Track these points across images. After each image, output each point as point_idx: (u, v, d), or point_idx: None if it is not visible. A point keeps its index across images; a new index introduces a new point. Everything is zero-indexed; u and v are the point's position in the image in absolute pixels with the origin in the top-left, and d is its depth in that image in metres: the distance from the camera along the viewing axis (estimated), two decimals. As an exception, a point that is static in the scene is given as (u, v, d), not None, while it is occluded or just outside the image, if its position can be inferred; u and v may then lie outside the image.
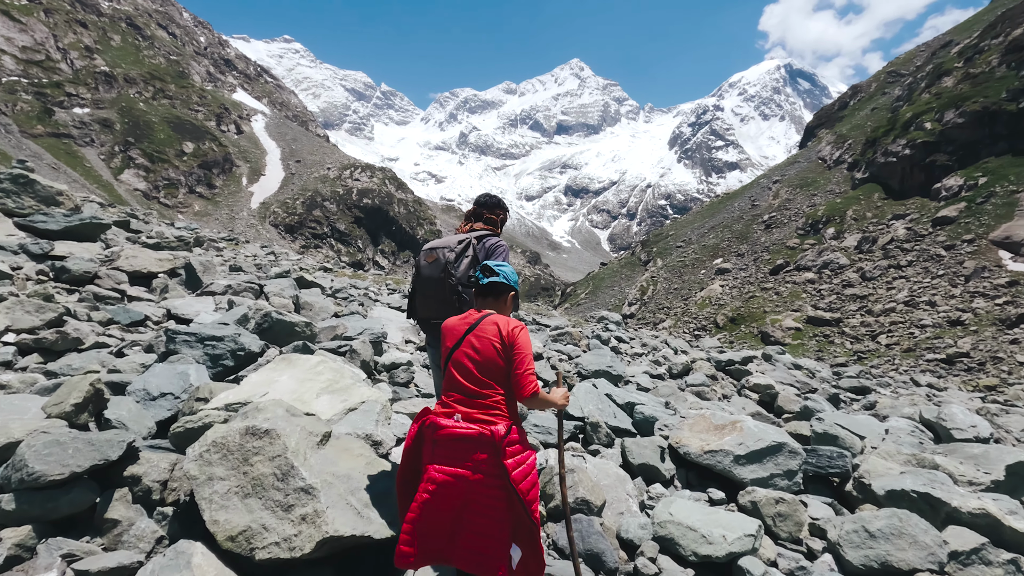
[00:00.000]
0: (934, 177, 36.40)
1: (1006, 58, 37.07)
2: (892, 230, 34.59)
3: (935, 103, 39.73)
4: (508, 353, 2.24)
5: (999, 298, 24.27)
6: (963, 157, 35.55)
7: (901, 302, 27.77)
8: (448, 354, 2.32)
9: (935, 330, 23.91)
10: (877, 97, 58.12)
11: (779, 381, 9.37)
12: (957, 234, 30.44)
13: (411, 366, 5.72)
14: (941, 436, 6.95)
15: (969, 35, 48.37)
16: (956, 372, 19.58)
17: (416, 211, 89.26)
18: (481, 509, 2.09)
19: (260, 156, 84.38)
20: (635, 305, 46.48)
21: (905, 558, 3.40)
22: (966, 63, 41.68)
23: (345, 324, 6.11)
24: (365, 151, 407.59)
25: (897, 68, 61.27)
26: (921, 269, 29.85)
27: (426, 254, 2.87)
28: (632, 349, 11.03)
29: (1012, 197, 29.93)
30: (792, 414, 7.49)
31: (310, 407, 3.24)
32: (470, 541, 2.08)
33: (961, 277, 27.37)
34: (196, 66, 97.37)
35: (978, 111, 35.26)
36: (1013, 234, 27.78)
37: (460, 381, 2.25)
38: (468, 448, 2.10)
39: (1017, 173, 31.38)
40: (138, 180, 63.93)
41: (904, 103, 47.15)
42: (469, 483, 2.08)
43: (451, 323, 2.42)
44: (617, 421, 5.25)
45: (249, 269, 10.59)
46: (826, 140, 55.27)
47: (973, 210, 31.17)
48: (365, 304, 9.10)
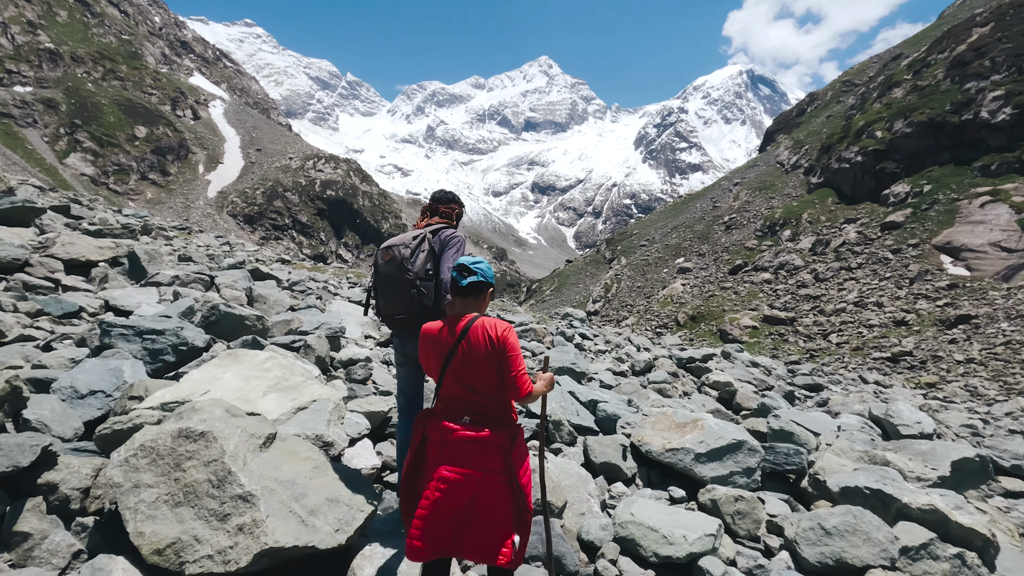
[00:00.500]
0: (883, 184, 38.09)
1: (950, 72, 39.05)
2: (844, 233, 36.01)
3: (885, 113, 41.54)
4: (501, 357, 2.30)
5: (940, 300, 25.59)
6: (910, 165, 37.31)
7: (851, 303, 28.95)
8: (442, 366, 2.37)
9: (882, 330, 25.02)
10: (832, 105, 60.43)
11: (738, 379, 9.55)
12: (903, 239, 31.92)
13: (369, 362, 5.50)
14: (889, 432, 7.20)
15: (918, 49, 50.79)
16: (900, 370, 20.53)
17: (381, 204, 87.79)
18: (490, 504, 2.22)
19: (218, 143, 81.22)
20: (599, 302, 46.99)
21: (859, 555, 3.44)
22: (914, 75, 43.74)
23: (300, 318, 5.83)
24: (329, 142, 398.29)
25: (851, 78, 63.83)
26: (870, 271, 31.19)
27: (382, 252, 2.95)
28: (596, 346, 11.03)
29: (953, 205, 31.57)
30: (750, 411, 7.62)
31: (255, 406, 3.02)
32: (480, 533, 2.22)
33: (906, 280, 28.72)
34: (150, 47, 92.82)
35: (924, 122, 37.04)
36: (953, 240, 29.32)
37: (459, 388, 2.33)
38: (479, 449, 2.22)
39: (958, 182, 33.13)
40: (85, 165, 60.55)
41: (857, 112, 49.14)
42: (479, 481, 2.21)
43: (434, 332, 2.43)
44: (580, 419, 5.19)
45: (201, 259, 10.07)
46: (784, 145, 57.11)
47: (918, 216, 32.75)
48: (324, 298, 8.76)
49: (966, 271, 27.30)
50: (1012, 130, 32.14)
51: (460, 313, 2.43)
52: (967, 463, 5.07)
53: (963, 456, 5.07)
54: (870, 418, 7.62)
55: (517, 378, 2.28)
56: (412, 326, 2.87)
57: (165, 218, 60.18)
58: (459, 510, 2.21)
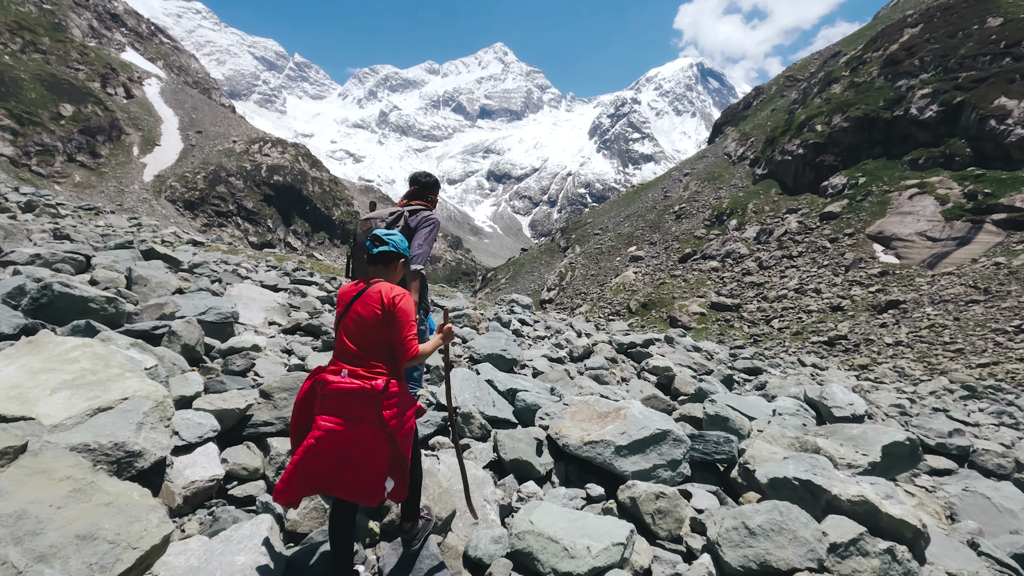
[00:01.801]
0: (823, 176, 39.48)
1: (884, 70, 40.74)
2: (786, 223, 37.12)
3: (825, 107, 43.00)
4: (389, 319, 2.42)
5: (872, 286, 26.66)
6: (847, 158, 38.79)
7: (792, 289, 29.84)
8: (337, 319, 2.52)
9: (819, 315, 25.86)
10: (777, 99, 62.27)
11: (678, 363, 9.33)
12: (840, 228, 33.15)
13: (257, 351, 4.78)
14: (823, 415, 7.08)
15: (855, 47, 52.82)
16: (836, 353, 21.22)
17: (332, 191, 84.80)
18: (364, 450, 2.33)
19: (154, 124, 76.07)
20: (554, 291, 46.93)
21: (785, 556, 3.08)
22: (852, 72, 45.44)
23: (179, 303, 5.03)
24: (276, 125, 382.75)
25: (794, 73, 65.92)
26: (809, 259, 32.25)
27: (362, 223, 3.20)
28: (535, 332, 10.59)
29: (885, 196, 33.00)
30: (687, 396, 7.42)
31: (33, 408, 2.32)
32: (353, 474, 2.33)
33: (842, 267, 29.83)
34: (76, 18, 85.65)
35: (860, 117, 38.52)
36: (885, 229, 30.65)
37: (346, 343, 2.44)
38: (351, 400, 2.32)
39: (890, 175, 34.65)
40: (3, 144, 55.22)
41: (799, 106, 50.74)
42: (352, 429, 2.31)
43: (344, 290, 2.59)
44: (496, 410, 4.67)
45: (91, 239, 8.95)
46: (731, 137, 58.48)
47: (854, 207, 34.07)
48: (228, 281, 7.88)
49: (896, 259, 28.57)
50: (938, 126, 33.80)
51: (368, 280, 2.54)
52: (897, 447, 4.88)
53: (893, 440, 4.87)
54: (805, 400, 7.52)
55: (406, 341, 2.40)
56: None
57: (96, 202, 55.87)
58: (334, 456, 2.31)
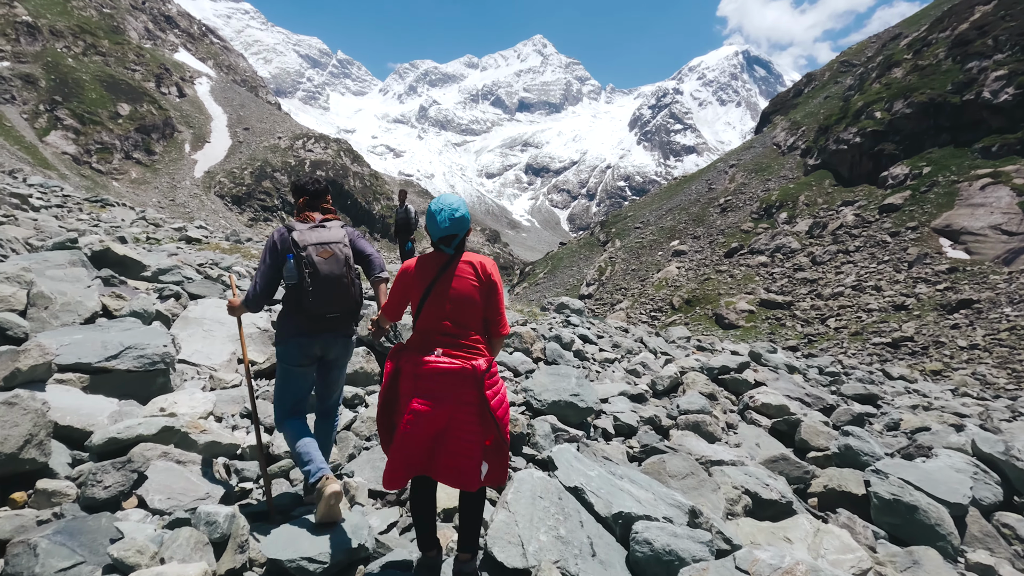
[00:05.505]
0: (882, 165, 37.60)
1: (952, 52, 38.35)
2: (841, 216, 35.60)
3: (885, 93, 40.88)
4: (489, 291, 2.38)
5: (940, 284, 25.31)
6: (909, 147, 36.80)
7: (849, 286, 28.65)
8: (424, 292, 2.37)
9: (881, 314, 24.75)
10: (830, 86, 59.58)
11: (787, 394, 7.37)
12: (902, 221, 31.56)
13: (163, 444, 3.10)
14: (1012, 479, 4.96)
15: (917, 28, 49.92)
16: (901, 356, 20.28)
17: (373, 185, 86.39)
18: (460, 434, 2.26)
19: (205, 122, 79.22)
20: (593, 286, 46.55)
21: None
22: (915, 55, 42.99)
23: (65, 342, 3.79)
24: (320, 121, 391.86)
25: (849, 58, 62.88)
26: (868, 255, 30.87)
27: (318, 249, 2.89)
28: (601, 352, 8.66)
29: (953, 187, 31.18)
30: (821, 452, 5.51)
31: None
32: (448, 459, 2.28)
33: (905, 263, 28.42)
34: (133, 21, 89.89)
35: (925, 102, 36.44)
36: (953, 223, 28.98)
37: (438, 321, 2.33)
38: (451, 381, 2.22)
39: (958, 164, 32.70)
40: (67, 143, 58.67)
41: (856, 92, 48.39)
42: (450, 413, 2.23)
43: (414, 266, 2.46)
44: (596, 565, 2.61)
45: (40, 237, 7.87)
46: (781, 126, 56.38)
47: (917, 198, 32.36)
48: (198, 294, 6.45)
49: (966, 255, 27.01)
50: (1014, 111, 31.63)
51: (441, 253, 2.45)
52: None
53: None
54: (976, 455, 5.36)
55: (503, 316, 2.42)
56: (344, 323, 2.96)
57: (151, 198, 58.71)
58: (430, 440, 2.26)
